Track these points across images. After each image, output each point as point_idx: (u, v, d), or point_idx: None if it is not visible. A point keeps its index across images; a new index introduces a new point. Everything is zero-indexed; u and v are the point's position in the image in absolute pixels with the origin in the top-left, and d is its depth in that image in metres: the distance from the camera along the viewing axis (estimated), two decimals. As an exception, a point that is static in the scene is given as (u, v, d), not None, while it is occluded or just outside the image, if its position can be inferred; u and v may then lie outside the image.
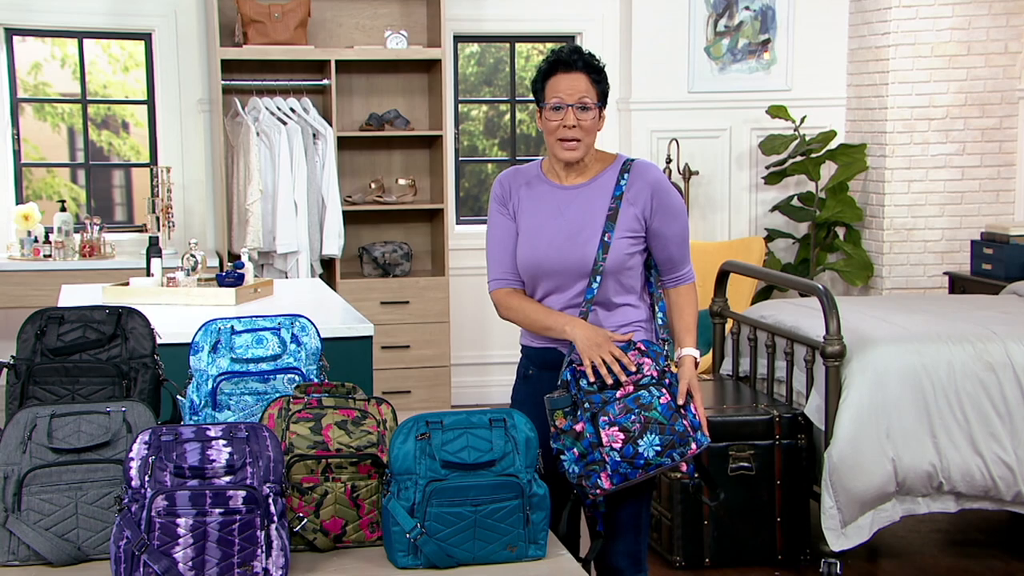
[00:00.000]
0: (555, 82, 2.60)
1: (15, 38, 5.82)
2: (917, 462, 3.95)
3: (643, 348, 2.47)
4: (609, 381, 2.44)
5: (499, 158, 6.62)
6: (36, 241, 5.49)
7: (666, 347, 2.64)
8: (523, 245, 2.64)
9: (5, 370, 2.33)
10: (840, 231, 6.22)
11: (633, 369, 2.46)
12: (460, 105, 6.43)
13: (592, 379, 2.45)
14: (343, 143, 5.90)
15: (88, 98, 6.03)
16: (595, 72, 2.61)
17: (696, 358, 2.61)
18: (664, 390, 2.42)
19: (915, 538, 4.40)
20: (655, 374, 2.44)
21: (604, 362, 2.44)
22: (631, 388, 2.41)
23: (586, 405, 2.40)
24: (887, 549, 4.28)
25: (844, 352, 3.95)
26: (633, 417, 2.38)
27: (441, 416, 2.13)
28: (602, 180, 2.63)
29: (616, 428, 2.37)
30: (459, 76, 6.39)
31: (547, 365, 2.61)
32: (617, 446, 2.37)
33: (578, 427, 2.39)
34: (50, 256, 5.46)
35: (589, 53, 2.63)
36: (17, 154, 5.83)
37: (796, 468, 4.05)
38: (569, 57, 2.60)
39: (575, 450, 2.39)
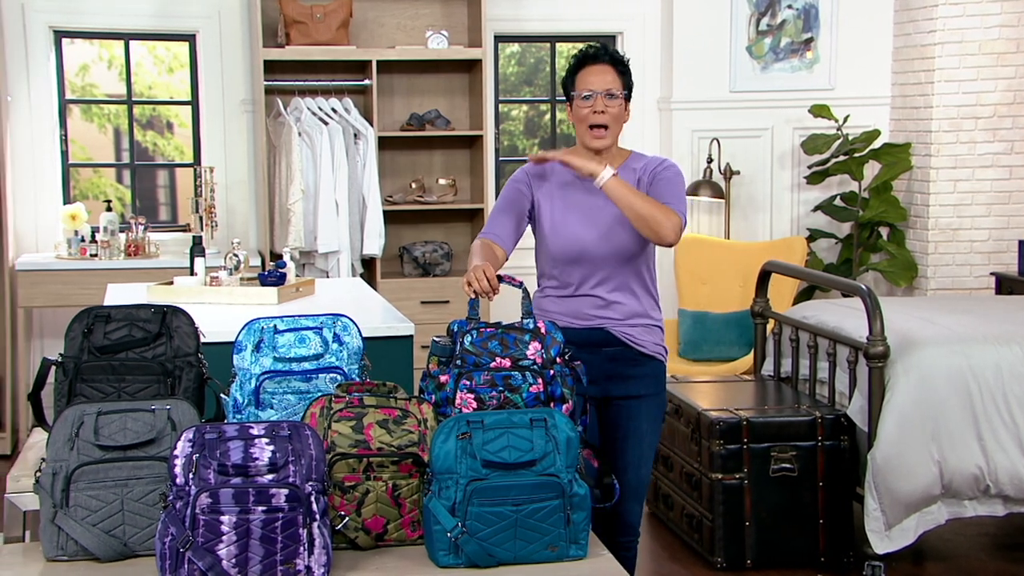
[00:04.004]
0: (584, 74, 2.88)
1: (64, 40, 5.90)
2: (963, 464, 3.90)
3: (543, 331, 2.40)
4: (470, 294, 2.53)
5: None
6: (83, 241, 5.57)
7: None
8: (561, 235, 2.88)
9: (54, 368, 2.36)
10: (884, 231, 6.16)
11: (491, 287, 2.55)
12: (500, 105, 6.43)
13: (470, 295, 2.55)
14: (384, 143, 5.92)
15: (134, 99, 6.11)
16: (620, 65, 2.91)
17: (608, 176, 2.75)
18: (540, 379, 2.35)
19: (961, 541, 4.34)
20: (539, 360, 2.36)
21: (475, 280, 2.55)
22: (507, 364, 2.35)
23: (458, 362, 2.36)
24: (932, 552, 4.23)
25: (888, 353, 3.91)
26: (494, 392, 2.32)
27: (482, 416, 2.13)
28: (623, 173, 2.89)
29: (472, 396, 2.32)
30: (499, 76, 6.40)
31: (584, 344, 2.69)
32: (466, 411, 2.31)
33: (443, 378, 2.35)
34: (96, 255, 5.52)
35: (615, 49, 2.93)
36: (65, 155, 5.91)
37: (839, 469, 4.01)
38: (597, 52, 2.90)
39: (434, 397, 2.35)
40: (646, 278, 2.95)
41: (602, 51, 2.90)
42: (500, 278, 2.60)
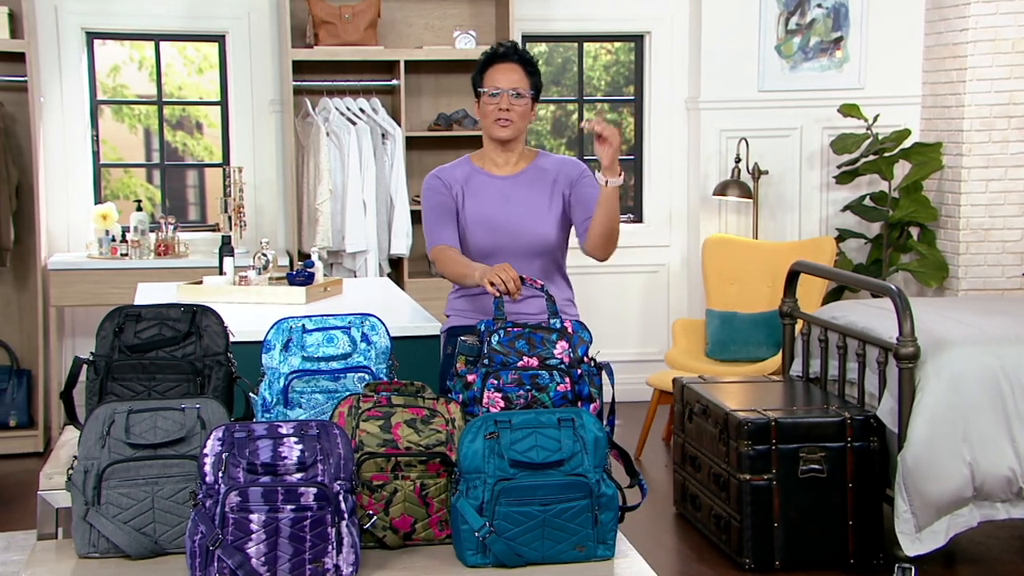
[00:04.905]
0: (493, 72, 2.99)
1: (95, 41, 5.95)
2: (996, 467, 3.86)
3: (570, 330, 2.40)
4: (494, 293, 2.57)
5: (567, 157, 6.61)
6: (114, 240, 5.61)
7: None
8: (478, 230, 3.01)
9: (85, 366, 2.38)
10: (914, 231, 6.11)
11: (517, 287, 2.60)
12: (528, 105, 6.42)
13: (494, 294, 2.57)
14: (411, 143, 5.93)
15: (164, 99, 6.15)
16: (529, 65, 3.01)
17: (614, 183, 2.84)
18: (567, 379, 2.34)
19: (994, 544, 4.30)
20: (567, 360, 2.36)
21: (501, 280, 2.60)
22: (535, 363, 2.35)
23: (485, 361, 2.35)
24: (965, 555, 4.19)
25: (918, 354, 3.88)
26: (521, 392, 2.32)
27: (509, 415, 2.13)
28: (533, 171, 3.05)
29: (500, 395, 2.32)
30: (527, 76, 6.39)
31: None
32: (494, 411, 2.30)
33: (470, 377, 2.35)
34: (127, 255, 5.57)
35: (524, 49, 3.05)
36: (96, 155, 5.96)
37: (869, 471, 3.98)
38: (507, 51, 3.00)
39: (461, 396, 2.35)
40: (560, 271, 3.08)
41: (511, 50, 3.00)
42: (522, 279, 2.61)
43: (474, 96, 3.05)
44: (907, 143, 6.00)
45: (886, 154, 5.91)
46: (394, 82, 5.83)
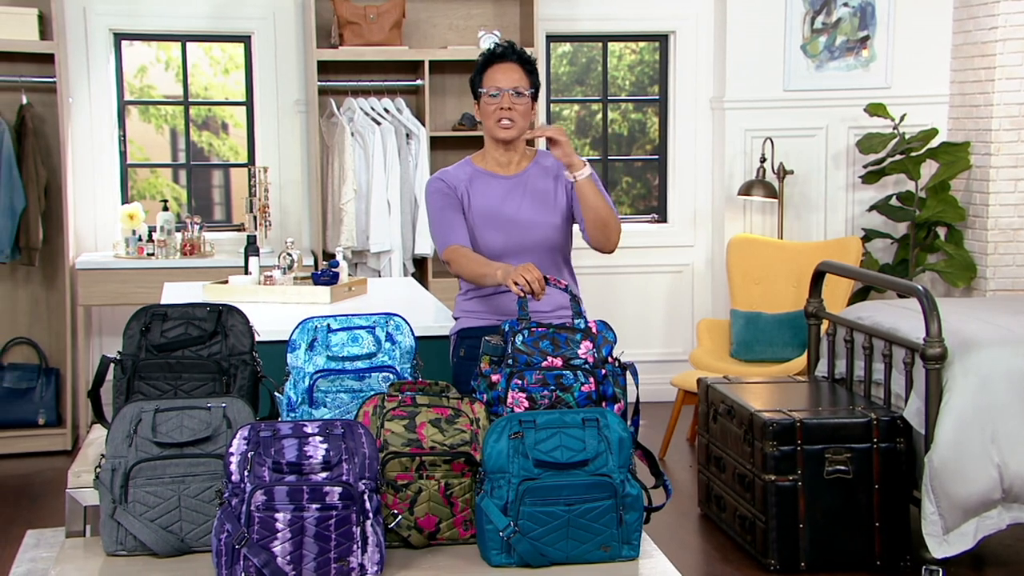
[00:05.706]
0: (492, 72, 2.99)
1: (123, 42, 5.99)
2: (1024, 469, 3.83)
3: (594, 330, 2.39)
4: (519, 292, 2.56)
5: (591, 157, 6.60)
6: (140, 240, 5.65)
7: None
8: (488, 230, 3.00)
9: (112, 365, 2.39)
10: (941, 231, 6.06)
11: (542, 287, 2.59)
12: (552, 105, 6.43)
13: (518, 294, 2.56)
14: (436, 143, 5.94)
15: (190, 100, 6.19)
16: (527, 64, 3.00)
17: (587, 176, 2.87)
18: (592, 379, 2.33)
19: None
20: (591, 360, 2.35)
21: (526, 280, 2.59)
22: (559, 363, 2.35)
23: (509, 361, 2.35)
24: (993, 558, 4.15)
25: (946, 355, 3.85)
26: (545, 392, 2.32)
27: (534, 415, 2.13)
28: (535, 168, 3.06)
29: (524, 395, 2.32)
30: (551, 76, 6.40)
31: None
32: (518, 411, 2.30)
33: (495, 377, 2.35)
34: (153, 255, 5.61)
35: (521, 48, 3.03)
36: (123, 155, 6.00)
37: (895, 472, 3.96)
38: (504, 50, 3.00)
39: (485, 396, 2.35)
40: (568, 266, 3.10)
41: (509, 50, 3.00)
42: (546, 279, 2.60)
43: (473, 98, 3.07)
44: (934, 142, 5.96)
45: (913, 154, 5.86)
46: (419, 82, 5.84)
